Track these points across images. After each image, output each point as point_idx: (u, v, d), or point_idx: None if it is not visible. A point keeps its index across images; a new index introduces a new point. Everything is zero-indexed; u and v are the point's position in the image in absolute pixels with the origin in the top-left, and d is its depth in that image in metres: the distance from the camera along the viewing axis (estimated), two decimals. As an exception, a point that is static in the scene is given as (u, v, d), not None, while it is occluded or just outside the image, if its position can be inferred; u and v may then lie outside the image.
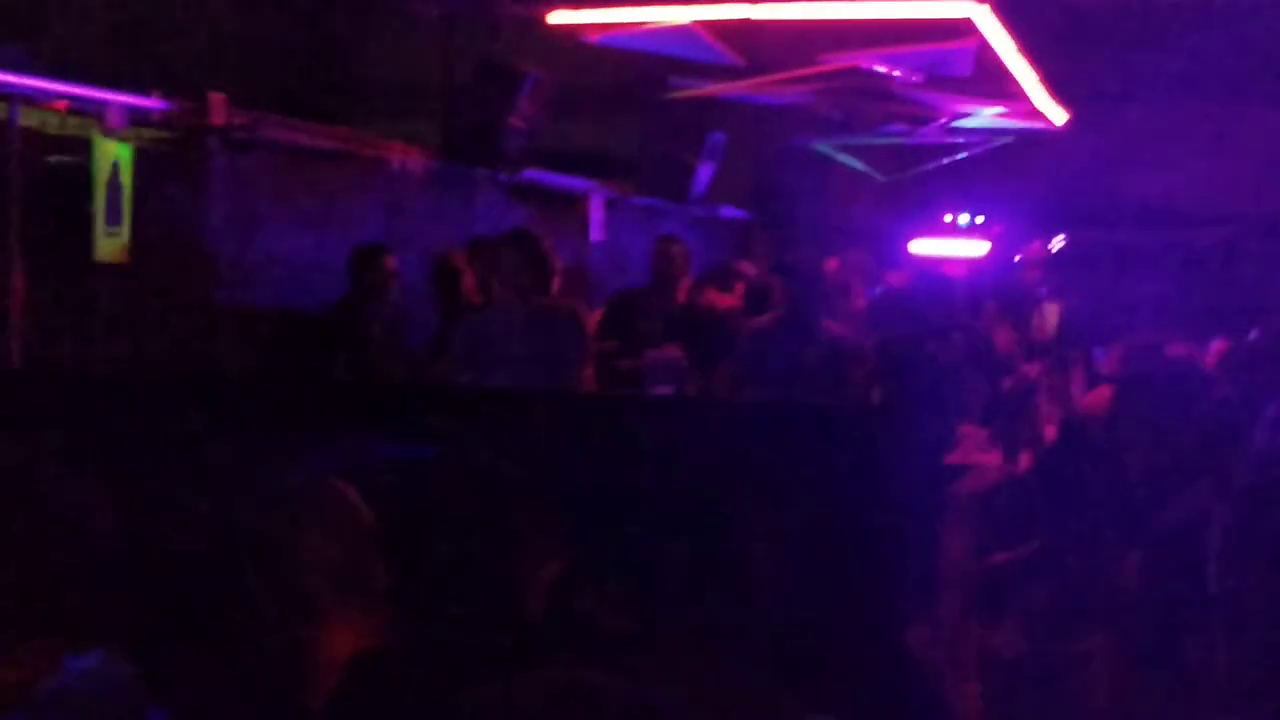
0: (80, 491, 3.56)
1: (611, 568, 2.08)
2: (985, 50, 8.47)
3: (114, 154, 6.26)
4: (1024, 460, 5.49)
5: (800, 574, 2.08)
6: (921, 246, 10.63)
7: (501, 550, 3.22)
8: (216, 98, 7.08)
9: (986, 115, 9.96)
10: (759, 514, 2.58)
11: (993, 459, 5.13)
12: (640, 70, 9.15)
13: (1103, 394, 5.00)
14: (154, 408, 4.14)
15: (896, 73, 8.80)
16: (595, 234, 10.03)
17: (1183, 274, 8.96)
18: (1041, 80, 9.25)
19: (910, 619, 4.04)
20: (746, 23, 7.60)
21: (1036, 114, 9.81)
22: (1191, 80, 10.57)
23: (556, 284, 5.93)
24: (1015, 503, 5.07)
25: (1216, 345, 6.74)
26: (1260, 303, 7.86)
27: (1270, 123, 11.48)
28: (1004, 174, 11.16)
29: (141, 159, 6.58)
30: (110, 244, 6.21)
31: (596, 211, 10.06)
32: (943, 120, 10.06)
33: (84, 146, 6.41)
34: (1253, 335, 6.08)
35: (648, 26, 7.70)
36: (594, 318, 6.84)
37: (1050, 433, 5.63)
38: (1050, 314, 7.74)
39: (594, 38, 7.93)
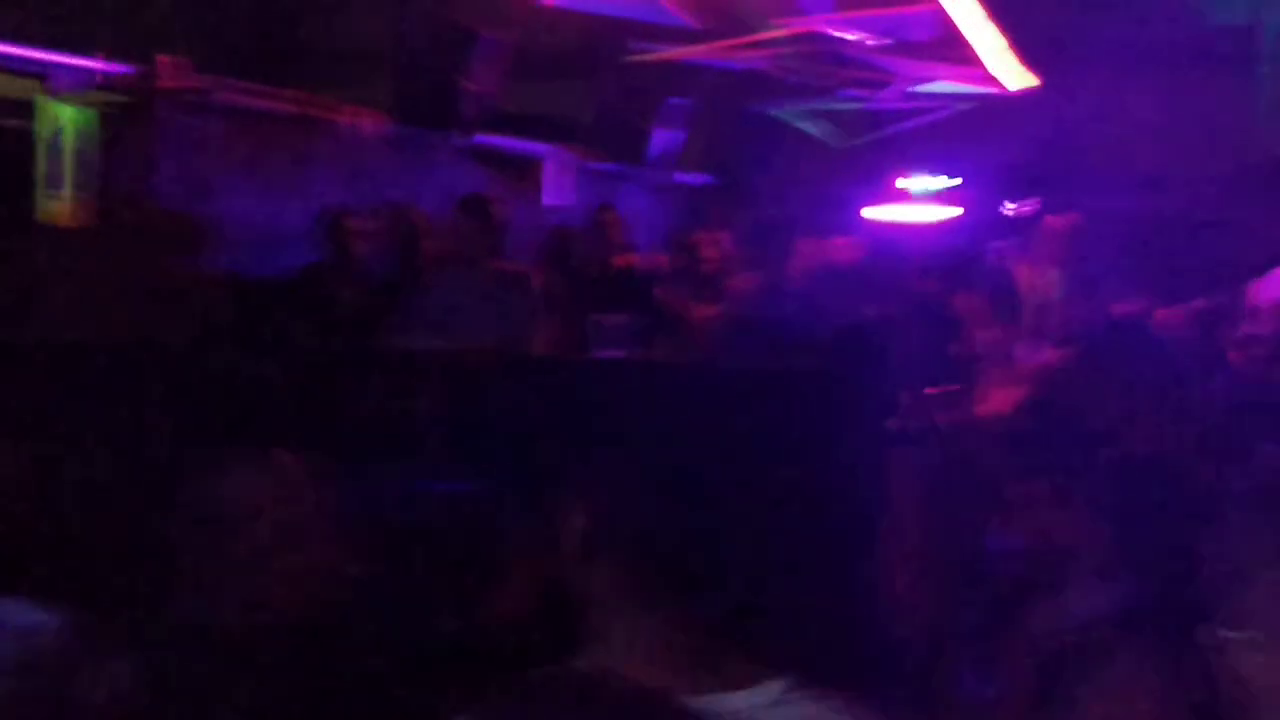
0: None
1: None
2: (944, 14, 8.46)
3: (57, 117, 6.19)
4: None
5: (751, 536, 2.07)
6: (877, 213, 10.61)
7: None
8: (165, 61, 7.00)
9: (946, 80, 9.94)
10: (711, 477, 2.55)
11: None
12: (597, 33, 9.09)
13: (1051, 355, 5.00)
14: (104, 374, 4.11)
15: (858, 37, 8.78)
16: (550, 197, 9.99)
17: (1142, 239, 8.97)
18: (1009, 44, 9.24)
19: (860, 585, 4.05)
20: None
21: (997, 79, 9.80)
22: (1154, 44, 10.60)
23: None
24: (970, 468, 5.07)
25: (1171, 310, 6.76)
26: (1219, 268, 7.88)
27: (1234, 88, 11.53)
28: (968, 139, 11.15)
29: (89, 122, 6.52)
30: (52, 206, 6.15)
31: (551, 175, 10.02)
32: (903, 85, 10.03)
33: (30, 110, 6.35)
34: (1199, 304, 6.11)
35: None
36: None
37: (998, 399, 5.62)
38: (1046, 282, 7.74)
39: (548, 0, 7.88)
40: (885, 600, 4.24)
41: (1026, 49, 9.62)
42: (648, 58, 9.38)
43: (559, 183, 10.04)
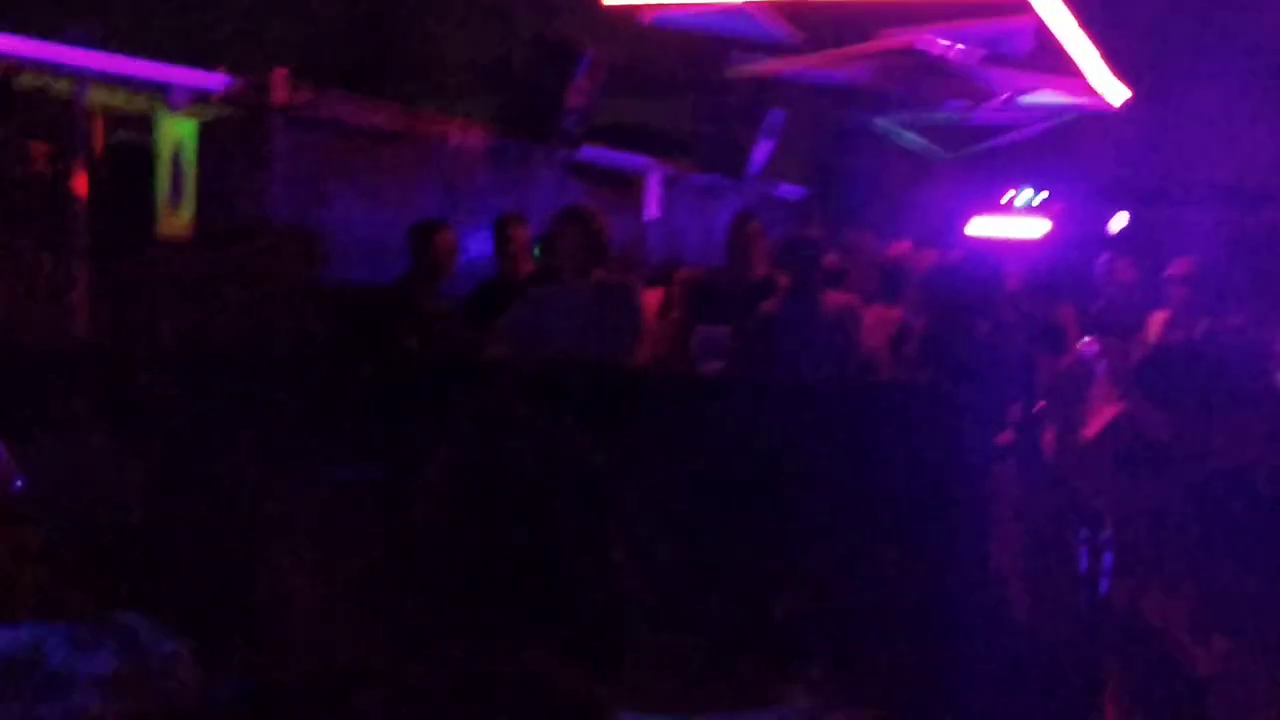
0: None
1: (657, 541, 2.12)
2: (1045, 27, 8.44)
3: (178, 132, 6.35)
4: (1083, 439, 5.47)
5: (849, 550, 2.11)
6: (979, 226, 10.58)
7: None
8: (279, 74, 7.15)
9: (1046, 93, 9.90)
10: (807, 489, 2.61)
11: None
12: (698, 48, 9.16)
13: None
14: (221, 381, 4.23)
15: (958, 47, 8.78)
16: (651, 211, 10.06)
17: (1239, 253, 8.87)
18: (1102, 57, 9.20)
19: (963, 596, 4.07)
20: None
21: (1096, 92, 9.75)
22: (1253, 58, 10.47)
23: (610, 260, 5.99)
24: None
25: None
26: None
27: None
28: (1066, 152, 11.09)
29: (205, 136, 6.67)
30: (173, 221, 6.30)
31: (653, 189, 10.08)
32: (1002, 97, 10.00)
33: (149, 124, 6.50)
34: None
35: (702, 5, 7.71)
36: (651, 295, 6.86)
37: (1108, 412, 5.60)
38: (1156, 323, 7.71)
39: (649, 18, 7.96)
40: (988, 611, 4.26)
41: (1123, 62, 9.56)
42: (748, 71, 9.44)
43: (661, 196, 10.12)
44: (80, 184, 6.13)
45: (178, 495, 3.80)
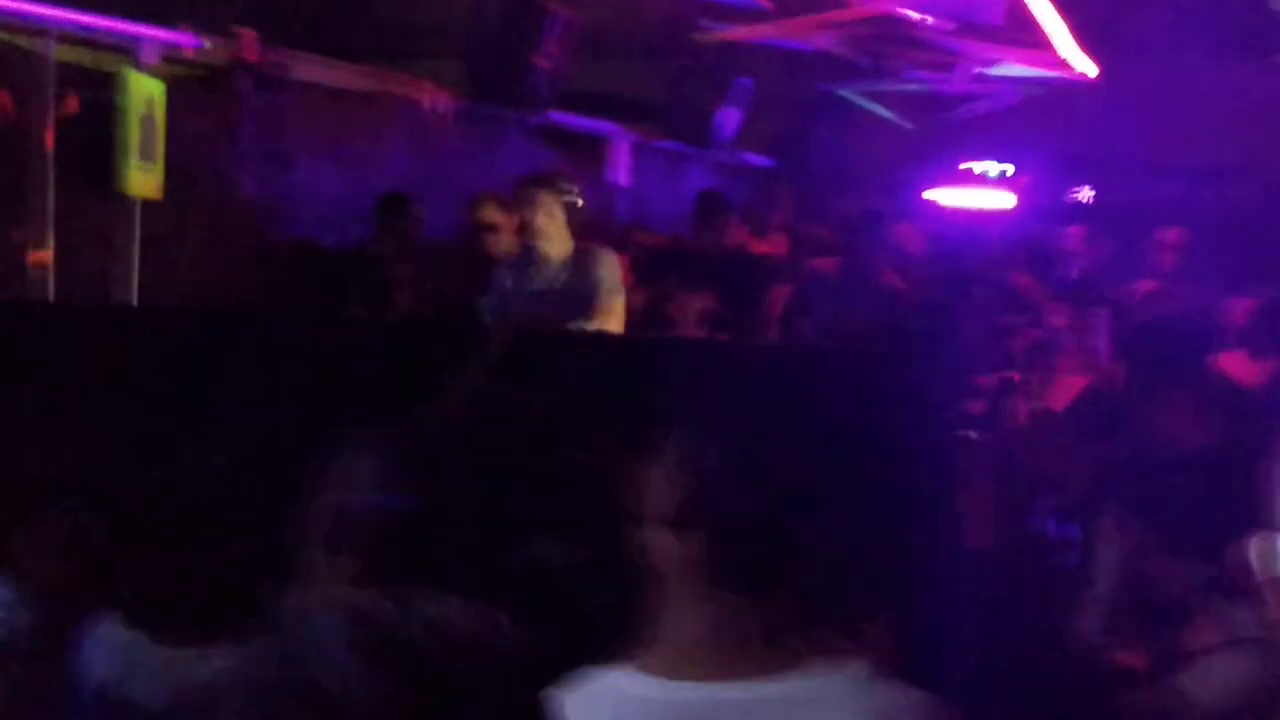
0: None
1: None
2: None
3: (146, 89, 6.29)
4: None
5: (814, 520, 2.12)
6: (941, 195, 10.59)
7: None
8: (248, 34, 7.09)
9: (1016, 65, 9.91)
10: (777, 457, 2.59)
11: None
12: (668, 13, 9.12)
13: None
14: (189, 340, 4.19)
15: (928, 19, 8.77)
16: (618, 177, 10.03)
17: (1209, 228, 8.93)
18: (1072, 31, 9.21)
19: (933, 567, 4.08)
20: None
21: (1066, 65, 9.76)
22: (1222, 32, 10.51)
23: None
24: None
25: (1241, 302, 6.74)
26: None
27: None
28: (1033, 125, 11.11)
29: (173, 95, 6.61)
30: (142, 179, 6.24)
31: (620, 155, 10.06)
32: (972, 69, 10.01)
33: (116, 82, 6.43)
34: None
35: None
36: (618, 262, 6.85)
37: (1076, 382, 5.65)
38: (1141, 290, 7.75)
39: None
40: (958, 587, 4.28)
41: (1088, 35, 9.58)
42: (717, 37, 9.41)
43: (628, 163, 10.09)
44: (47, 141, 6.07)
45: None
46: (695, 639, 1.86)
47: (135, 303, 6.51)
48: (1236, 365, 5.44)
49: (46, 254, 6.08)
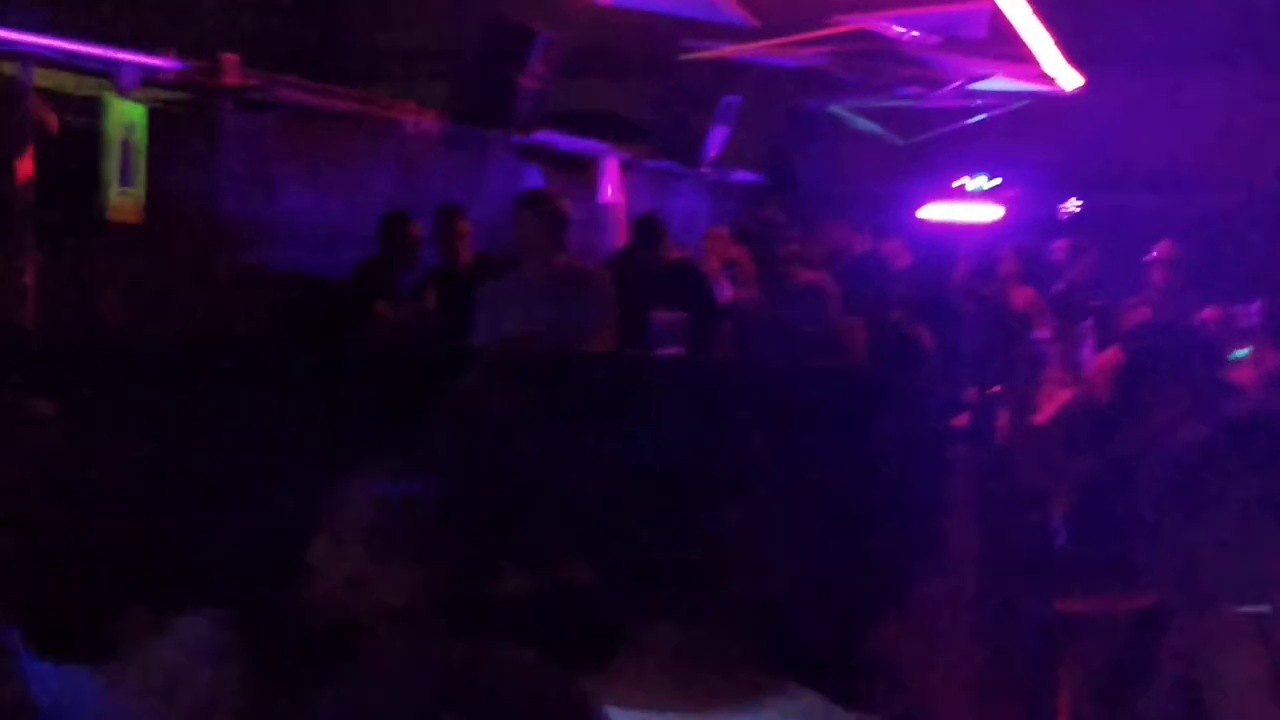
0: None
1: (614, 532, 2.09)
2: (999, 13, 8.45)
3: (128, 114, 6.26)
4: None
5: (798, 540, 2.09)
6: (932, 211, 10.61)
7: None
8: (230, 58, 7.08)
9: (1000, 79, 9.92)
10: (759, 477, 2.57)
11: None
12: (653, 32, 9.12)
13: (1112, 354, 5.00)
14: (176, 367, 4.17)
15: (912, 34, 8.78)
16: (606, 196, 10.02)
17: (1192, 239, 8.94)
18: (1056, 44, 9.22)
19: (916, 588, 4.06)
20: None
21: (1050, 78, 9.77)
22: (1204, 44, 10.53)
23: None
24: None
25: (1226, 311, 6.74)
26: (1268, 269, 7.84)
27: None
28: (1018, 138, 11.12)
29: (155, 119, 6.59)
30: (124, 204, 6.22)
31: (609, 174, 10.05)
32: (957, 83, 10.02)
33: (97, 107, 6.41)
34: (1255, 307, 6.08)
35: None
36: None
37: (1061, 397, 5.63)
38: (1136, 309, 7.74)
39: (604, 0, 7.92)
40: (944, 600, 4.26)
41: (1075, 47, 9.59)
42: (703, 55, 9.41)
43: (617, 182, 10.08)
44: (26, 168, 6.04)
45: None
46: (659, 670, 1.84)
47: (116, 329, 6.48)
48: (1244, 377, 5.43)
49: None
